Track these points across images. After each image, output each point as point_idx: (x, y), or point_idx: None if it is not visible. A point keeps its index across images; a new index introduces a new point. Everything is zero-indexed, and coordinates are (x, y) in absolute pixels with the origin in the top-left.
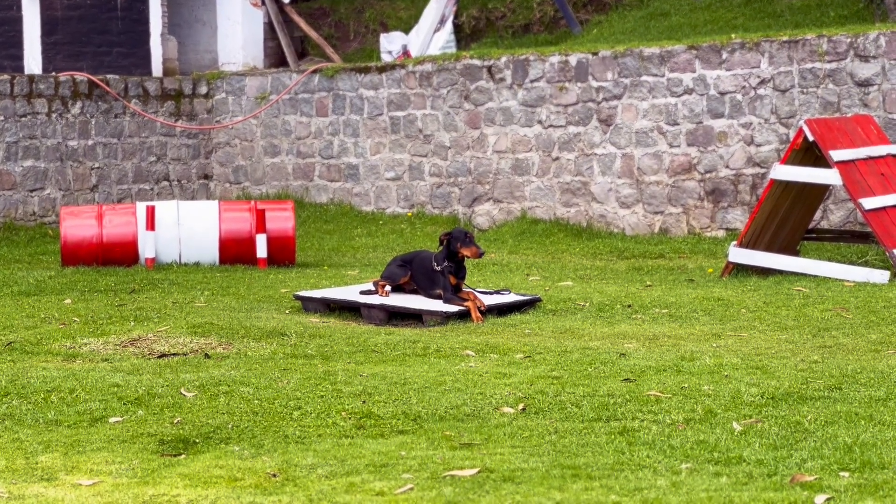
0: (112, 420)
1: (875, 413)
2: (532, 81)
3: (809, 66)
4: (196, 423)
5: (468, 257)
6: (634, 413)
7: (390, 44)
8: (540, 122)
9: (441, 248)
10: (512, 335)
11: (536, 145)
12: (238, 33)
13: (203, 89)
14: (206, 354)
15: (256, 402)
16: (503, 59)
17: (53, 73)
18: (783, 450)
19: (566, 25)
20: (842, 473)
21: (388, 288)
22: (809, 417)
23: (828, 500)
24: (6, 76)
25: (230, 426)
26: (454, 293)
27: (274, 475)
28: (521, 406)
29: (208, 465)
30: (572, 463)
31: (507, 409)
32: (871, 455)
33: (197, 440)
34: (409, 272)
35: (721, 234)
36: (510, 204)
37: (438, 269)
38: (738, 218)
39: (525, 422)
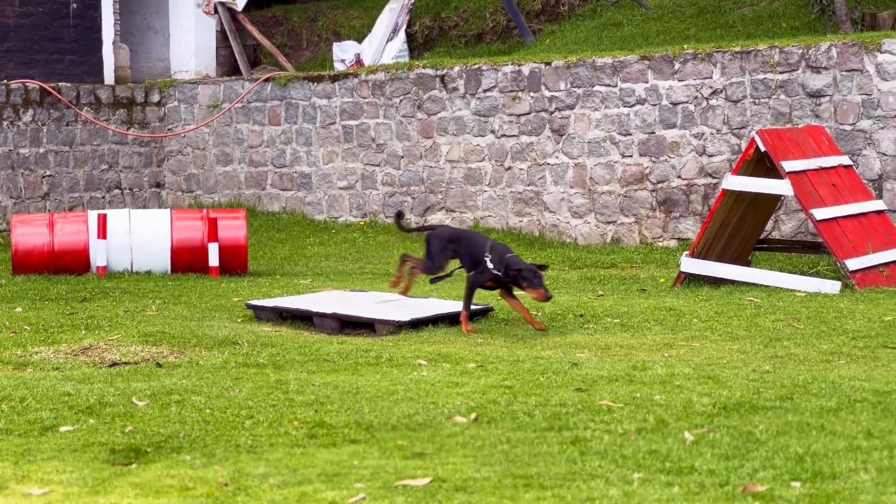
0: (63, 429)
1: (826, 423)
2: (485, 91)
3: (761, 76)
4: (147, 432)
5: (534, 299)
6: (586, 423)
7: (343, 52)
8: (493, 131)
9: (503, 269)
10: (464, 344)
11: (489, 155)
12: (190, 41)
13: (155, 97)
14: (158, 363)
15: (208, 411)
16: (456, 68)
17: (5, 81)
18: (735, 460)
19: (519, 35)
20: (793, 483)
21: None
22: (761, 427)
23: None
24: None
25: (182, 435)
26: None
27: (225, 484)
28: (473, 415)
29: (159, 474)
30: (524, 472)
31: (459, 419)
32: (822, 465)
33: (148, 449)
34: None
35: (673, 243)
36: (463, 213)
37: (491, 269)
38: (690, 228)
39: (477, 431)
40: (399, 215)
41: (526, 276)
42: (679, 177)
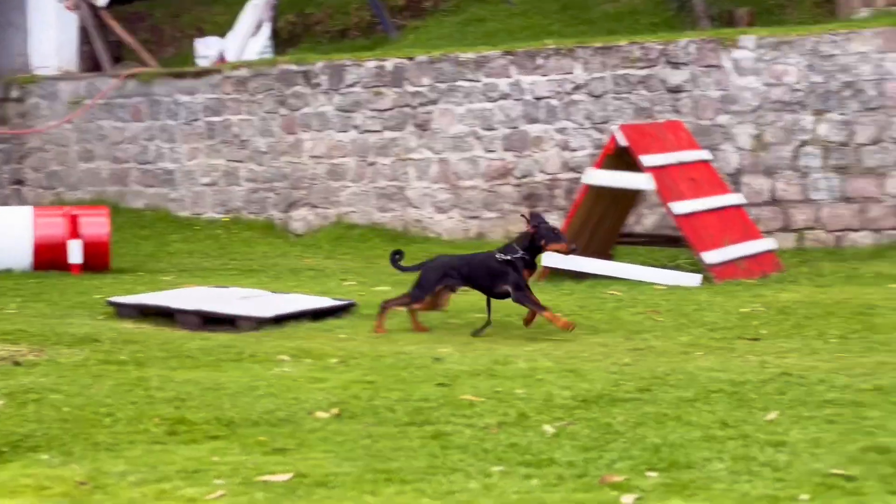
0: None
1: (683, 414)
2: (348, 86)
3: (622, 72)
4: (3, 431)
5: (559, 252)
6: (448, 417)
7: (206, 49)
8: (356, 127)
9: (516, 244)
10: (326, 340)
11: (352, 150)
12: (52, 37)
13: (15, 93)
14: (16, 362)
15: (67, 409)
16: (319, 64)
17: None
18: (593, 451)
19: (383, 31)
20: (649, 473)
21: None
22: (620, 419)
23: (636, 499)
24: None
25: (39, 434)
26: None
27: (83, 483)
28: (334, 411)
29: (15, 474)
30: (385, 467)
31: (320, 414)
32: (678, 455)
33: (4, 449)
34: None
35: None
36: (326, 209)
37: (507, 257)
38: (554, 223)
39: (339, 426)
40: (397, 253)
41: (544, 234)
42: (542, 171)
